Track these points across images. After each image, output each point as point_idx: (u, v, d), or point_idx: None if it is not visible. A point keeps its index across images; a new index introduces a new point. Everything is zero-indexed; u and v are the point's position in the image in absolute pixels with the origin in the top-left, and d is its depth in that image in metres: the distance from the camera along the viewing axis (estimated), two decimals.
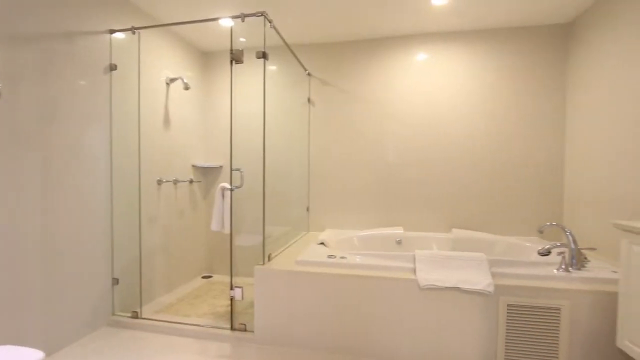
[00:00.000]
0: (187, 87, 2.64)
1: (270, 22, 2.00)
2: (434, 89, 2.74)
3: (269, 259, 2.05)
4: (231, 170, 1.97)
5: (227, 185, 2.20)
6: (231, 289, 2.03)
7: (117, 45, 2.17)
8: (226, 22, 2.45)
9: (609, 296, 1.56)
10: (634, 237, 1.36)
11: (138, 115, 2.31)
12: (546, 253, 1.84)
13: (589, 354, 1.58)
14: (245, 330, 2.00)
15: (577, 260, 1.77)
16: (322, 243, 2.35)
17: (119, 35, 2.18)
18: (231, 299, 2.03)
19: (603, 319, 1.57)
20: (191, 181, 2.95)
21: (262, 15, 1.94)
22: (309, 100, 2.96)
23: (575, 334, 1.59)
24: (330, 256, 2.01)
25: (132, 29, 2.17)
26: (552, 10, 2.34)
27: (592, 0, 2.20)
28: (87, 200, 1.98)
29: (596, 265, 1.82)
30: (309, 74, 2.93)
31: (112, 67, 2.15)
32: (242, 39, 2.09)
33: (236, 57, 1.91)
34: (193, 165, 3.00)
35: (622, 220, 1.44)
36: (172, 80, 2.67)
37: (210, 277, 3.13)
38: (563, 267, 1.75)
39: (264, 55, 1.93)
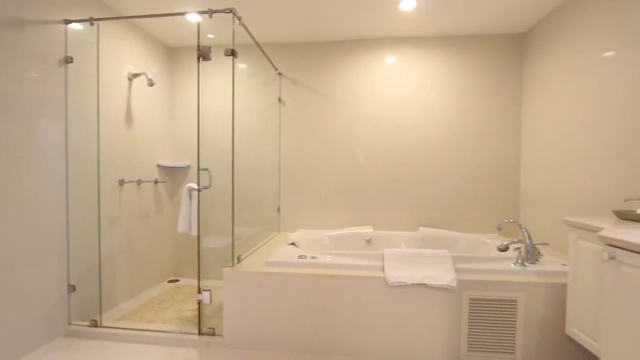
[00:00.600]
0: (151, 84, 2.53)
1: (239, 19, 1.96)
2: (401, 92, 2.82)
3: (239, 260, 2.01)
4: (198, 170, 1.92)
5: (195, 186, 2.13)
6: (199, 292, 1.97)
7: (73, 37, 2.04)
8: (193, 18, 2.37)
9: (559, 287, 1.68)
10: (581, 233, 1.48)
11: (97, 111, 2.18)
12: (504, 249, 1.95)
13: (542, 341, 1.70)
14: (213, 334, 1.95)
15: (531, 254, 1.90)
16: (292, 243, 2.35)
17: (75, 26, 2.05)
18: (199, 303, 1.97)
19: (554, 308, 1.69)
20: (156, 181, 2.83)
21: (230, 12, 1.90)
22: (279, 99, 2.94)
23: (530, 323, 1.70)
24: (300, 256, 2.01)
25: (91, 20, 2.05)
26: (509, 21, 2.49)
27: (544, 14, 2.36)
28: (39, 201, 1.84)
29: (548, 259, 1.96)
30: (279, 74, 2.91)
31: (68, 60, 2.01)
32: (210, 35, 2.04)
33: (203, 54, 1.85)
34: (158, 165, 2.88)
35: (570, 217, 1.56)
36: (135, 75, 2.55)
37: (177, 281, 3.02)
38: (519, 261, 1.86)
39: (232, 53, 1.89)
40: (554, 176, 2.28)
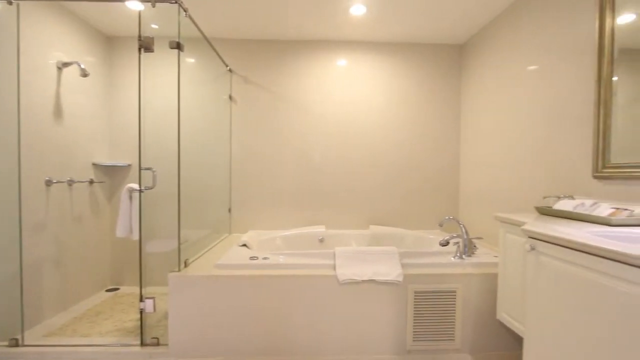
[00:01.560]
0: (85, 74, 2.31)
1: (185, 10, 1.87)
2: (353, 95, 2.90)
3: (185, 264, 1.91)
4: (140, 169, 1.79)
5: (136, 186, 1.99)
6: (141, 300, 1.84)
7: None
8: (134, 6, 2.21)
9: (492, 277, 1.85)
10: (508, 227, 1.64)
11: (17, 102, 1.93)
12: (445, 243, 2.10)
13: (477, 326, 1.86)
14: (158, 344, 1.83)
15: (468, 248, 2.07)
16: (244, 245, 2.30)
17: None
18: (141, 312, 1.84)
19: (487, 296, 1.86)
20: (92, 182, 2.59)
21: (176, 2, 1.80)
22: (230, 97, 2.85)
23: (467, 311, 1.85)
24: (252, 258, 1.97)
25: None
26: (448, 32, 2.68)
27: (477, 29, 2.58)
28: None
29: (483, 252, 2.14)
30: (230, 70, 2.83)
31: None
32: (154, 26, 1.91)
33: (145, 45, 1.73)
34: (94, 164, 2.63)
35: (500, 213, 1.73)
36: (66, 64, 2.30)
37: (116, 289, 2.79)
38: (458, 255, 2.02)
39: (178, 46, 1.80)
40: (487, 176, 2.50)
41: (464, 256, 2.02)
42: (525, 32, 2.08)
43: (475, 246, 2.14)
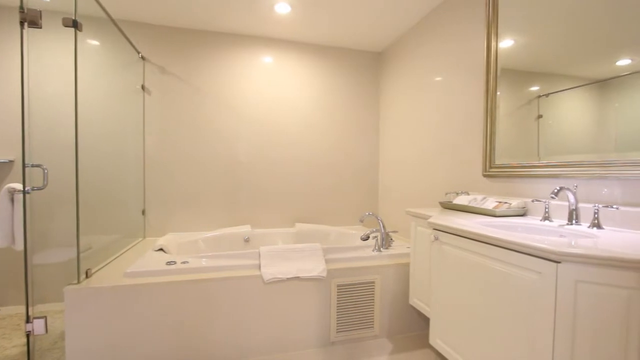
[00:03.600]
0: None
1: None
2: (277, 92, 2.88)
3: (87, 275, 1.68)
4: (24, 166, 1.51)
5: (19, 186, 1.67)
6: (28, 321, 1.56)
7: None
8: None
9: (405, 267, 2.04)
10: (418, 220, 1.83)
11: None
12: (366, 238, 2.23)
13: (393, 312, 2.03)
14: None
15: (385, 241, 2.24)
16: (160, 249, 2.12)
17: None
18: (27, 335, 1.56)
19: (401, 284, 2.04)
20: None
21: None
22: (143, 87, 2.59)
23: (384, 300, 2.01)
24: (169, 262, 1.83)
25: None
26: (367, 40, 2.85)
27: (393, 38, 2.81)
28: None
29: (398, 244, 2.35)
30: (142, 58, 2.56)
31: None
32: None
33: (30, 19, 1.45)
34: None
35: (412, 208, 1.91)
36: None
37: None
38: (376, 248, 2.17)
39: (74, 24, 1.56)
40: (401, 174, 2.74)
41: (381, 249, 2.18)
42: (431, 46, 2.33)
43: (391, 239, 2.33)
